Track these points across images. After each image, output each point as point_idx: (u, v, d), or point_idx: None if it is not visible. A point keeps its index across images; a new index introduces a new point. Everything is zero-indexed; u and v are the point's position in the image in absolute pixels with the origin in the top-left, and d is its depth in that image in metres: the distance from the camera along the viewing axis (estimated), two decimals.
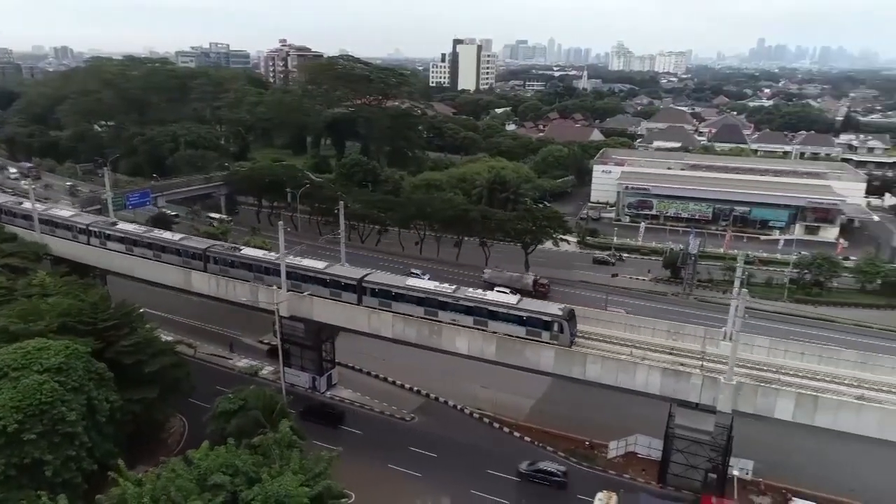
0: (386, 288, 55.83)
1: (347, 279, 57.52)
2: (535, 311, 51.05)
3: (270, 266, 60.44)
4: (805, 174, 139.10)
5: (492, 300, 52.94)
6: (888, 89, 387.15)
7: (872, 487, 48.27)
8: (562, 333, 49.50)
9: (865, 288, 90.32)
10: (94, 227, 72.04)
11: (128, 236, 69.92)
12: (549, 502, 47.40)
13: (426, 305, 54.06)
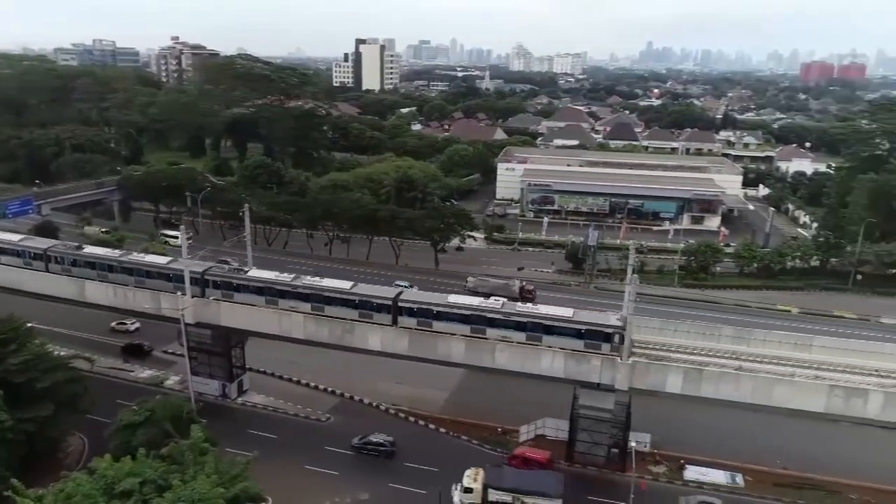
0: (425, 307, 52.51)
1: (380, 299, 53.62)
2: (594, 323, 50.13)
3: (287, 289, 55.86)
4: (690, 168, 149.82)
5: (546, 314, 51.03)
6: (760, 90, 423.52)
7: (752, 450, 53.49)
8: (622, 344, 48.53)
9: (744, 271, 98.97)
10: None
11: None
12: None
13: (473, 323, 51.30)
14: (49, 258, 62.09)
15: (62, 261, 62.00)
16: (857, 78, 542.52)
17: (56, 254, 62.43)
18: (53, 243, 65.62)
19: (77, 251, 62.56)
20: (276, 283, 56.42)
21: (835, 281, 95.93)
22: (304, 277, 57.75)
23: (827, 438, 53.89)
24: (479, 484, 44.79)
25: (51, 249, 62.73)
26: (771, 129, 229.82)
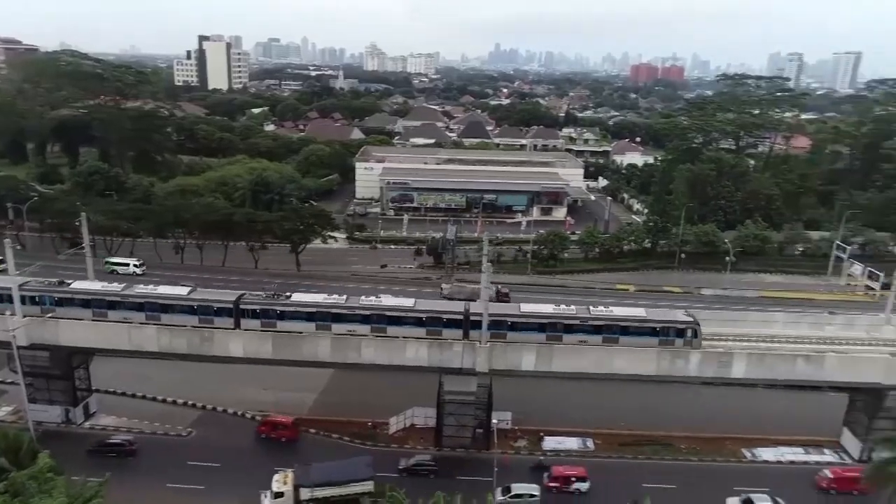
0: (501, 318, 51.55)
1: (450, 314, 52.35)
2: (669, 320, 52.47)
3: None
4: (538, 164, 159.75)
5: (622, 316, 52.68)
6: (597, 89, 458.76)
7: (600, 416, 59.09)
8: (695, 338, 51.03)
9: (588, 256, 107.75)
10: None
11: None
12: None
13: (549, 331, 51.67)
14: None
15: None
16: (677, 79, 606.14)
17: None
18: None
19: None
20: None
21: (664, 260, 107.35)
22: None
23: (660, 399, 60.95)
24: (289, 486, 43.84)
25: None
26: (607, 126, 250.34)
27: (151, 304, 52.74)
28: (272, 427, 54.07)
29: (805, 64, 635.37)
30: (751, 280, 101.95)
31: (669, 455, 54.54)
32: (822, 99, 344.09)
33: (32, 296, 52.98)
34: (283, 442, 53.84)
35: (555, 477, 48.76)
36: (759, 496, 46.88)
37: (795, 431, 58.05)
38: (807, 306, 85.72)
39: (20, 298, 51.54)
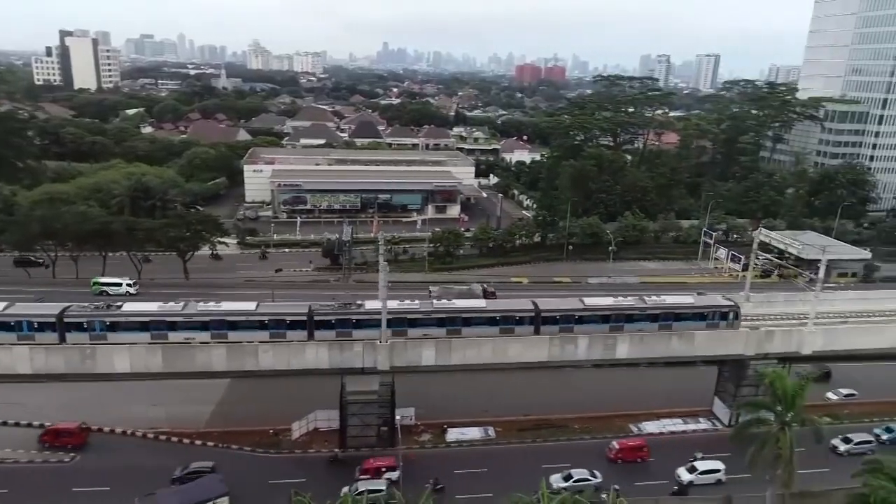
0: (556, 314, 55.18)
1: (522, 312, 55.12)
2: (715, 305, 58.70)
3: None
4: (430, 163, 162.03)
5: (675, 304, 58.15)
6: (484, 89, 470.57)
7: (500, 405, 61.39)
8: (736, 319, 57.58)
9: (482, 251, 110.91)
10: None
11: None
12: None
13: (612, 322, 56.01)
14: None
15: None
16: (559, 79, 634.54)
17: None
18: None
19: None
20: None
21: (553, 252, 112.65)
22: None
23: (554, 385, 64.25)
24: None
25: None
26: (496, 125, 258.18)
27: (217, 321, 50.86)
28: (55, 435, 51.63)
29: (672, 65, 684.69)
30: (632, 267, 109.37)
31: (565, 436, 57.73)
32: (688, 98, 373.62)
33: (79, 322, 49.16)
34: (70, 448, 51.45)
35: (365, 469, 49.85)
36: (578, 470, 50.21)
37: (675, 404, 63.35)
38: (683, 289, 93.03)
39: (64, 325, 48.63)
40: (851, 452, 54.65)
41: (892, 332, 60.13)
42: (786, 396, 43.48)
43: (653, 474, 52.40)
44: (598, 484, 48.64)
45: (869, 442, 56.69)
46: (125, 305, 52.17)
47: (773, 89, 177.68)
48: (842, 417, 62.55)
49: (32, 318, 48.80)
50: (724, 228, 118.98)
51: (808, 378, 47.10)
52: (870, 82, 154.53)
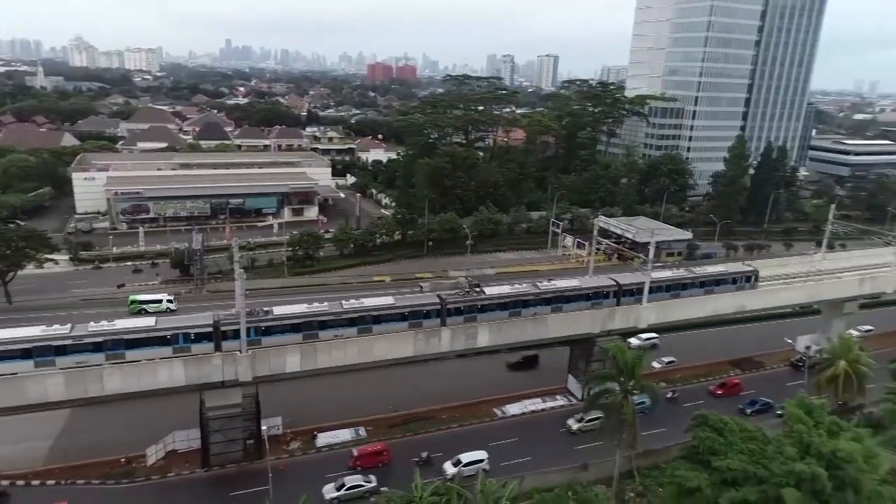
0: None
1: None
2: (739, 271, 70.49)
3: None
4: (284, 164, 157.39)
5: (715, 273, 69.34)
6: (336, 88, 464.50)
7: (371, 404, 61.59)
8: (756, 281, 70.08)
9: (343, 252, 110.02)
10: None
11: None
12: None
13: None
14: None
15: None
16: (411, 78, 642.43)
17: None
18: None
19: None
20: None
21: (414, 249, 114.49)
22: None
23: (421, 378, 65.73)
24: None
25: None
26: (350, 124, 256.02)
27: (363, 317, 53.19)
28: None
29: (517, 65, 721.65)
30: (489, 259, 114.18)
31: (434, 427, 59.24)
32: (532, 96, 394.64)
33: (237, 329, 48.79)
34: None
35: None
36: (469, 454, 52.21)
37: (534, 385, 67.44)
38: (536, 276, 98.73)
39: (220, 334, 49.05)
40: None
41: (713, 303, 68.35)
42: (627, 367, 48.02)
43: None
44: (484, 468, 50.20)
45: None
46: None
47: (605, 88, 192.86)
48: (675, 382, 70.24)
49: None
50: (569, 218, 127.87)
51: (645, 349, 52.23)
52: (684, 81, 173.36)
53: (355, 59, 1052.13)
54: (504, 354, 68.32)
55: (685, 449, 46.11)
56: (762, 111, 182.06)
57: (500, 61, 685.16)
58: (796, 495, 37.55)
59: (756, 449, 41.68)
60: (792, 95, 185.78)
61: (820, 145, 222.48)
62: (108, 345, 46.55)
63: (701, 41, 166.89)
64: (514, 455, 55.04)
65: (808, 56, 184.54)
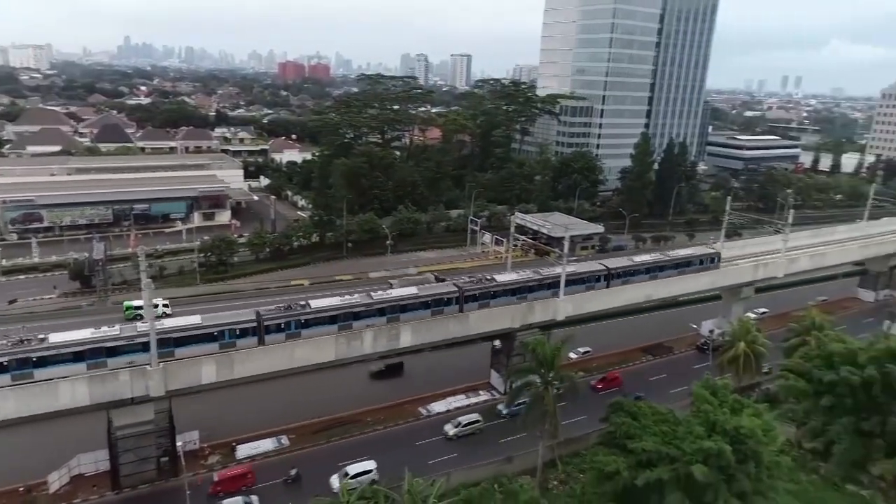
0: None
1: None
2: (702, 254, 78.78)
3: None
4: (193, 167, 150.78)
5: (681, 256, 77.05)
6: (246, 87, 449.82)
7: (293, 411, 60.12)
8: (719, 262, 79.61)
9: (259, 257, 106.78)
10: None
11: None
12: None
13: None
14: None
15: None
16: (324, 77, 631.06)
17: None
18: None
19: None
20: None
21: (333, 252, 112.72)
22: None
23: (343, 382, 64.87)
24: None
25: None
26: (262, 124, 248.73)
27: (392, 307, 56.57)
28: None
29: (431, 64, 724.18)
30: (410, 259, 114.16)
31: (358, 430, 58.60)
32: (447, 95, 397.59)
33: (277, 323, 52.24)
34: None
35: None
36: (356, 466, 50.86)
37: (458, 382, 68.05)
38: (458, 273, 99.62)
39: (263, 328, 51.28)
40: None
41: (624, 294, 71.35)
42: (546, 360, 49.37)
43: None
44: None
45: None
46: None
47: (517, 87, 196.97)
48: (592, 371, 72.91)
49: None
50: (487, 215, 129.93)
51: (563, 342, 53.86)
52: (591, 81, 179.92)
53: (265, 57, 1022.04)
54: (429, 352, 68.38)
55: (603, 435, 47.98)
56: (664, 109, 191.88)
57: (415, 60, 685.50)
58: (704, 471, 39.88)
59: (668, 430, 43.91)
60: (690, 94, 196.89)
61: (716, 141, 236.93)
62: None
63: (605, 42, 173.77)
64: (440, 452, 55.34)
65: (704, 57, 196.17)
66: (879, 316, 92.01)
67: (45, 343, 45.00)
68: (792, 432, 56.94)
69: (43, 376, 44.02)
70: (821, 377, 54.48)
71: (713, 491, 40.06)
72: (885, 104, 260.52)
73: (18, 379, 43.46)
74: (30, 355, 43.99)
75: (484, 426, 59.04)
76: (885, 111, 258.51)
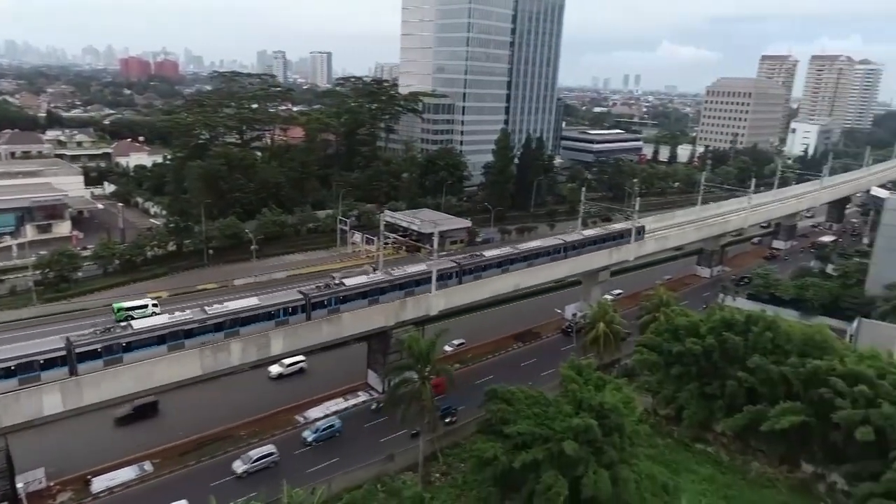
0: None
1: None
2: (625, 228, 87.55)
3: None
4: (22, 174, 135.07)
5: (599, 233, 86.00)
6: (82, 85, 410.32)
7: (156, 435, 55.79)
8: (644, 235, 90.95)
9: (108, 270, 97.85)
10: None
11: None
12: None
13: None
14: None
15: None
16: (172, 74, 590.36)
17: None
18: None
19: None
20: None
21: (193, 260, 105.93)
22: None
23: (214, 397, 61.29)
24: None
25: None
26: (103, 126, 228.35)
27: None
28: None
29: (290, 61, 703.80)
30: (277, 263, 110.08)
31: (232, 446, 55.61)
32: (308, 93, 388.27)
33: (321, 300, 57.13)
34: None
35: None
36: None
37: (336, 385, 66.81)
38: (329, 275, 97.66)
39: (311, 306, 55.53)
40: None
41: (491, 286, 73.54)
42: (422, 355, 49.79)
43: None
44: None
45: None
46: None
47: (380, 85, 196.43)
48: (467, 361, 74.71)
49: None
50: (356, 214, 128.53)
51: (438, 336, 54.59)
52: (452, 79, 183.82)
53: (103, 52, 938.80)
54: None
55: (481, 423, 49.31)
56: (521, 106, 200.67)
57: (272, 57, 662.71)
58: (575, 447, 42.28)
59: (540, 412, 46.03)
60: (544, 91, 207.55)
61: (569, 135, 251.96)
62: (227, 324, 51.74)
63: (463, 41, 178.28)
64: (321, 458, 54.02)
65: (554, 56, 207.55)
66: (714, 289, 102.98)
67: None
68: (648, 402, 61.97)
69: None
70: (670, 349, 59.90)
71: (584, 464, 42.57)
72: (709, 100, 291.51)
73: None
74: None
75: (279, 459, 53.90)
76: (709, 106, 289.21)
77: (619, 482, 42.47)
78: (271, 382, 67.45)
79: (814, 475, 54.15)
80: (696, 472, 55.05)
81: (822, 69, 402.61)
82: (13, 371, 42.36)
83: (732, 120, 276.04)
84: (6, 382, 42.13)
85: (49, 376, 43.63)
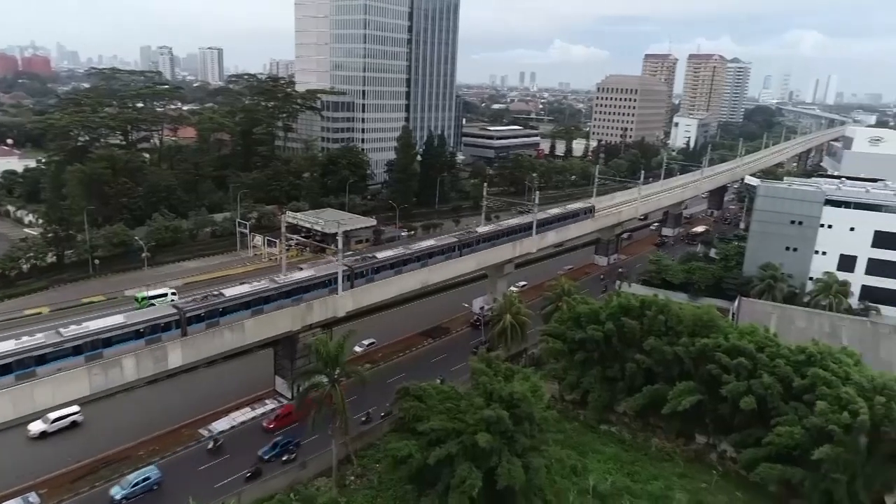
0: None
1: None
2: (578, 208, 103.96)
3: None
4: None
5: (558, 213, 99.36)
6: None
7: (39, 464, 51.35)
8: (594, 213, 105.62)
9: None
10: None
11: None
12: None
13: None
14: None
15: None
16: (43, 71, 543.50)
17: None
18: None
19: None
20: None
21: (77, 271, 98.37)
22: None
23: (105, 416, 57.23)
24: None
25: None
26: None
27: (419, 255, 71.55)
28: None
29: (177, 58, 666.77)
30: (172, 270, 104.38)
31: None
32: (199, 91, 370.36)
33: (358, 271, 66.44)
34: None
35: None
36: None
37: (242, 395, 64.23)
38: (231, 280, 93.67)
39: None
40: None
41: (397, 284, 73.16)
42: (331, 358, 48.86)
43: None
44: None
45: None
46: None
47: (275, 83, 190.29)
48: (378, 361, 74.15)
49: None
50: (256, 216, 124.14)
51: (346, 337, 53.71)
52: (350, 76, 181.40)
53: None
54: (204, 368, 63.08)
55: (394, 422, 49.12)
56: (421, 103, 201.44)
57: (157, 53, 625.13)
58: (487, 438, 43.03)
59: (453, 406, 46.49)
60: (443, 89, 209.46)
61: (470, 132, 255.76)
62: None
63: (360, 38, 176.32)
64: (228, 473, 51.76)
65: (451, 54, 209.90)
66: (611, 276, 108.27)
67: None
68: (555, 388, 64.18)
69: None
70: (573, 336, 62.32)
71: (497, 454, 43.42)
72: (600, 96, 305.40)
73: None
74: None
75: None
76: (600, 102, 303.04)
77: (531, 469, 43.69)
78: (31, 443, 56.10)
79: (706, 446, 58.25)
80: (601, 451, 57.65)
81: (699, 67, 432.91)
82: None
83: (621, 115, 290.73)
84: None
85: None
